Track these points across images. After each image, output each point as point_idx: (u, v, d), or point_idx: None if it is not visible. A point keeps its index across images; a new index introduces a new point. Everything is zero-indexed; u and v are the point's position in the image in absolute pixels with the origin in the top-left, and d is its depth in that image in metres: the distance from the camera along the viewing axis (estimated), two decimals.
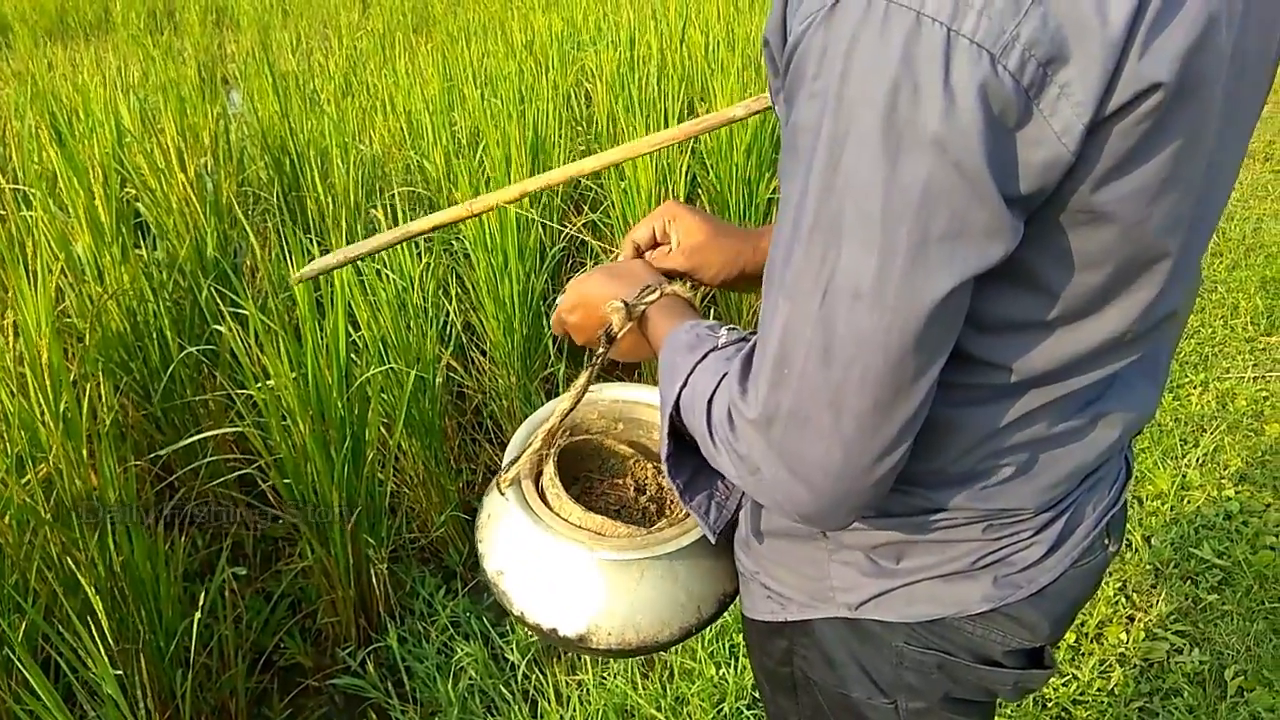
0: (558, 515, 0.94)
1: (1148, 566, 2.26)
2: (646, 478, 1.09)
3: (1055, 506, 0.77)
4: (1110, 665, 1.99)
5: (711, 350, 0.73)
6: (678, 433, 0.78)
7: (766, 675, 0.91)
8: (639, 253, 0.99)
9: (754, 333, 0.68)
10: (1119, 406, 0.75)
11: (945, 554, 0.76)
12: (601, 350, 0.85)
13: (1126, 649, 2.03)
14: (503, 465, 0.98)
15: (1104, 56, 0.52)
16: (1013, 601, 0.77)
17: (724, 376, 0.68)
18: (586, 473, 1.10)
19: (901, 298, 0.55)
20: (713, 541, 0.86)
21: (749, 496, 0.85)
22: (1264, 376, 3.02)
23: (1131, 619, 2.12)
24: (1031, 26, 0.51)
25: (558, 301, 0.95)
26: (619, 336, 0.84)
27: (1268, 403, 2.88)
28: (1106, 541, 0.84)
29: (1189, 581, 2.21)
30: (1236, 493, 2.48)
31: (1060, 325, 0.65)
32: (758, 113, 1.12)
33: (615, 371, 3.08)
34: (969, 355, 0.66)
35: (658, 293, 0.84)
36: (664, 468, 0.80)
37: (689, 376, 0.72)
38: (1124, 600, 2.18)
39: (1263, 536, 2.31)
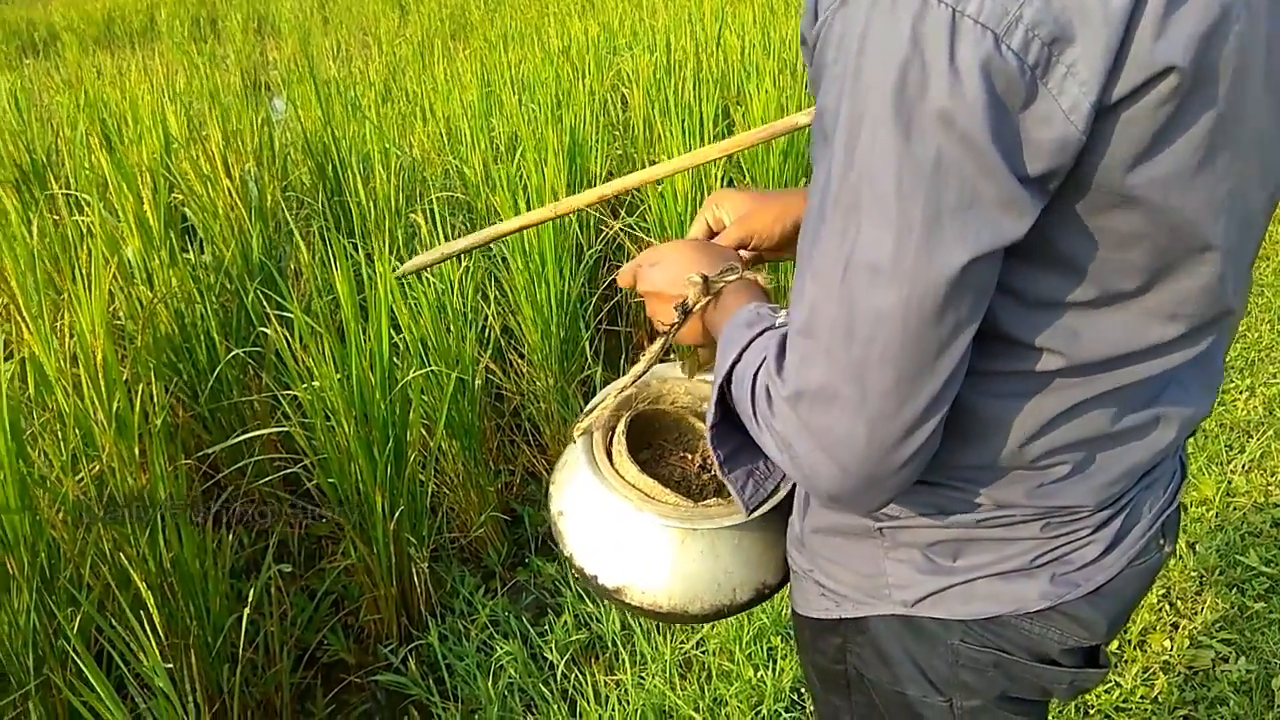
0: (616, 471, 0.98)
1: (1192, 573, 2.23)
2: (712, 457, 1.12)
3: (1113, 505, 0.78)
4: (1154, 673, 1.97)
5: (767, 329, 0.74)
6: (727, 406, 0.79)
7: (819, 673, 0.92)
8: None
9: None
10: (1175, 406, 0.75)
11: (1003, 552, 0.76)
12: (677, 320, 0.86)
13: (1171, 656, 2.01)
14: (582, 413, 1.04)
15: (1106, 35, 0.54)
16: (1070, 600, 0.77)
17: (766, 357, 0.70)
18: (662, 442, 1.14)
19: (918, 271, 0.57)
20: (745, 517, 0.87)
21: (799, 491, 0.86)
22: None
23: (1176, 626, 2.09)
24: (1035, 8, 0.53)
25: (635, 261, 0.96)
26: (694, 310, 0.85)
27: None
28: (1162, 542, 0.84)
29: (1235, 589, 2.18)
30: None
31: (1102, 308, 0.66)
32: None
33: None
34: (1014, 339, 0.67)
35: (737, 274, 0.85)
36: (709, 436, 0.81)
37: (742, 352, 0.74)
38: (1168, 607, 2.15)
39: None
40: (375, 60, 5.90)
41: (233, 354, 2.52)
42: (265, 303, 2.54)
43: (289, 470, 2.35)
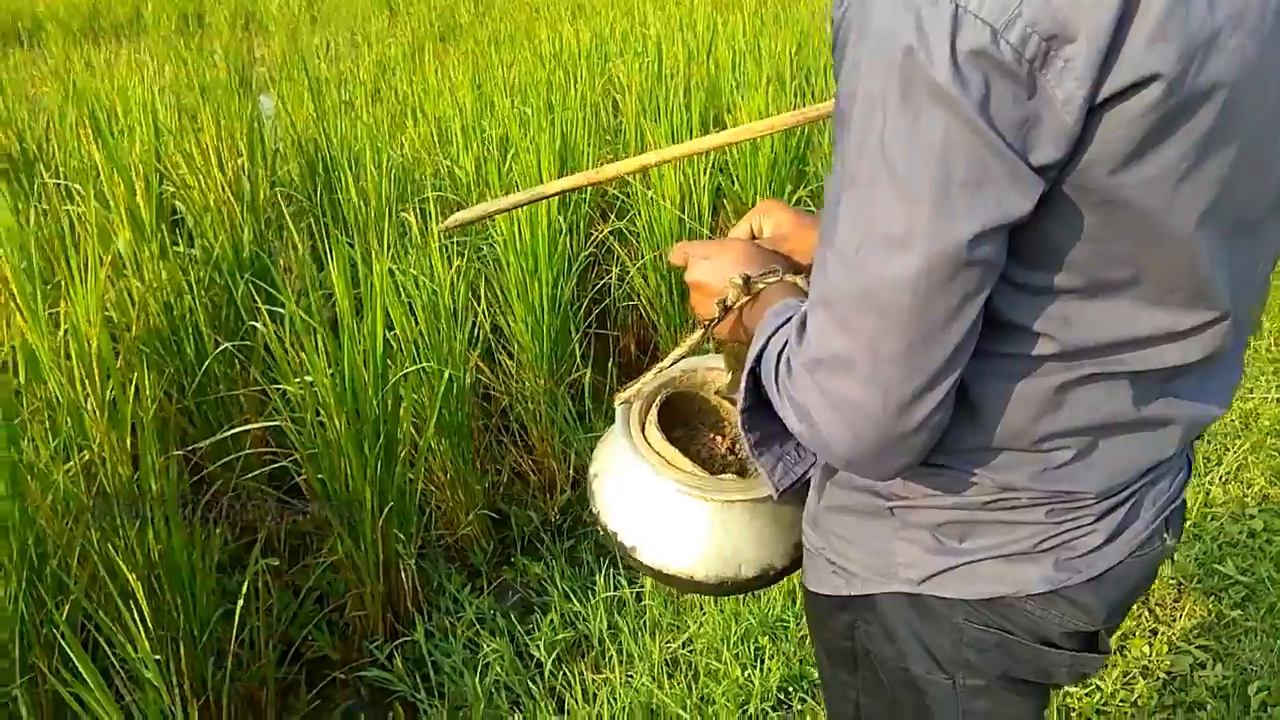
0: (644, 438, 1.05)
1: (1171, 581, 2.27)
2: (741, 443, 1.16)
3: (1116, 495, 0.80)
4: (1134, 677, 2.00)
5: (795, 315, 0.78)
6: (758, 393, 0.82)
7: (827, 649, 0.95)
8: None
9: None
10: (1182, 402, 0.78)
11: (1008, 535, 0.79)
12: (717, 316, 0.90)
13: (1150, 661, 2.04)
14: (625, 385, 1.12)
15: (1099, 34, 0.57)
16: (1072, 584, 0.80)
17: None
18: (698, 424, 1.20)
19: (929, 241, 0.61)
20: (775, 497, 0.91)
21: (817, 470, 0.89)
22: None
23: (1155, 632, 2.13)
24: (1034, 6, 0.57)
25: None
26: (733, 307, 0.89)
27: None
28: (1165, 535, 0.87)
29: (1212, 597, 2.22)
30: (1260, 511, 2.48)
31: (1093, 297, 0.69)
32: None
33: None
34: (1009, 323, 0.71)
35: (778, 276, 0.89)
36: (740, 419, 0.84)
37: (770, 337, 0.78)
38: (1148, 614, 2.19)
39: None
40: (365, 60, 5.89)
41: (221, 348, 2.51)
42: (255, 297, 2.53)
43: (278, 465, 2.34)
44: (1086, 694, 1.95)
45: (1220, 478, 2.62)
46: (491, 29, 6.72)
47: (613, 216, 3.53)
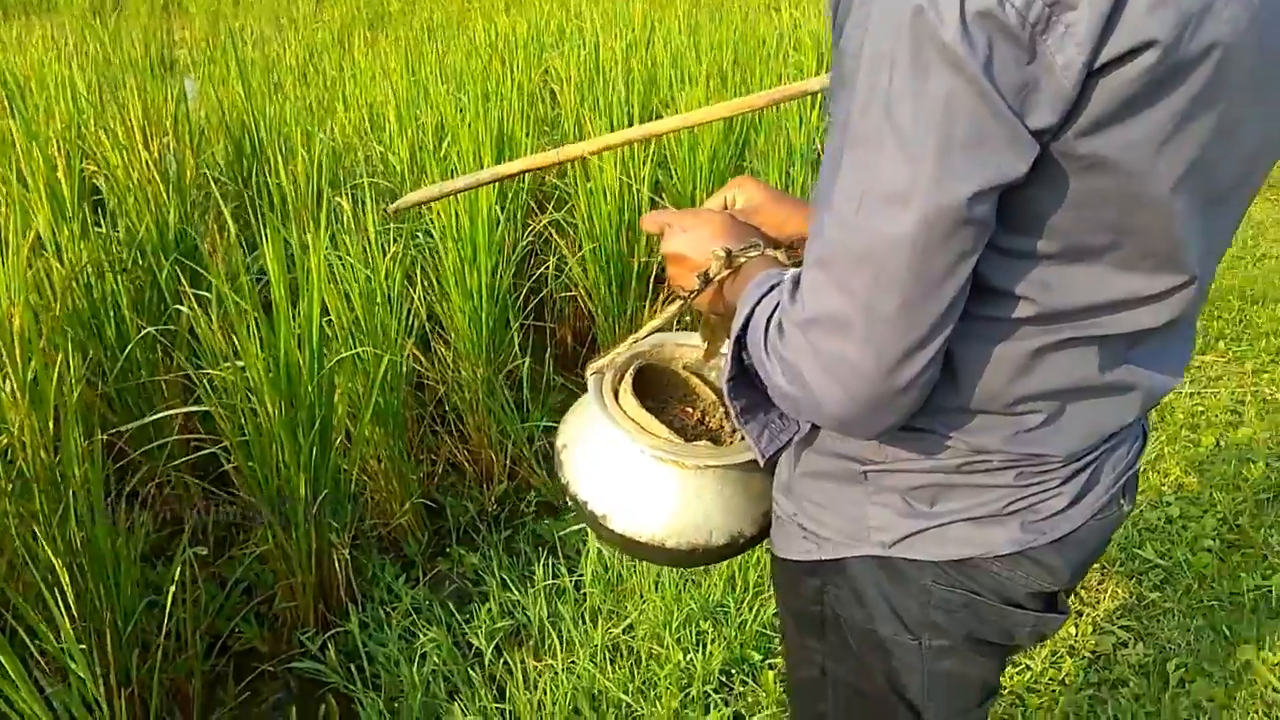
0: (619, 406, 1.05)
1: (1095, 565, 2.35)
2: (711, 415, 1.17)
3: (1081, 459, 0.83)
4: (1061, 656, 2.07)
5: (778, 283, 0.79)
6: (742, 362, 0.83)
7: (795, 615, 0.95)
8: None
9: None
10: (1143, 369, 0.80)
11: (978, 498, 0.81)
12: (697, 288, 0.90)
13: (1076, 641, 2.11)
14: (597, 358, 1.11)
15: (1104, 2, 0.59)
16: (1037, 546, 0.82)
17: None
18: (668, 397, 1.20)
19: (929, 200, 0.62)
20: (760, 464, 0.91)
21: (796, 437, 0.89)
22: (1200, 392, 3.16)
23: (1080, 614, 2.20)
24: None
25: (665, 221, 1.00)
26: (714, 279, 0.89)
27: (1203, 416, 3.01)
28: (1122, 500, 0.90)
29: (1134, 580, 2.31)
30: (1176, 498, 2.59)
31: (1071, 262, 0.71)
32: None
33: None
34: (991, 286, 0.72)
35: (759, 250, 0.89)
36: (724, 389, 0.85)
37: (755, 305, 0.78)
38: (1074, 597, 2.26)
39: (1201, 540, 2.42)
40: (292, 44, 5.75)
41: (144, 332, 2.42)
42: (181, 279, 2.45)
43: (207, 451, 2.27)
44: (1017, 672, 2.01)
45: (1140, 468, 2.72)
46: (423, 18, 6.62)
47: (550, 207, 3.51)
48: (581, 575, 2.28)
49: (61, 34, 5.71)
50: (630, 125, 3.61)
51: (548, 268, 3.39)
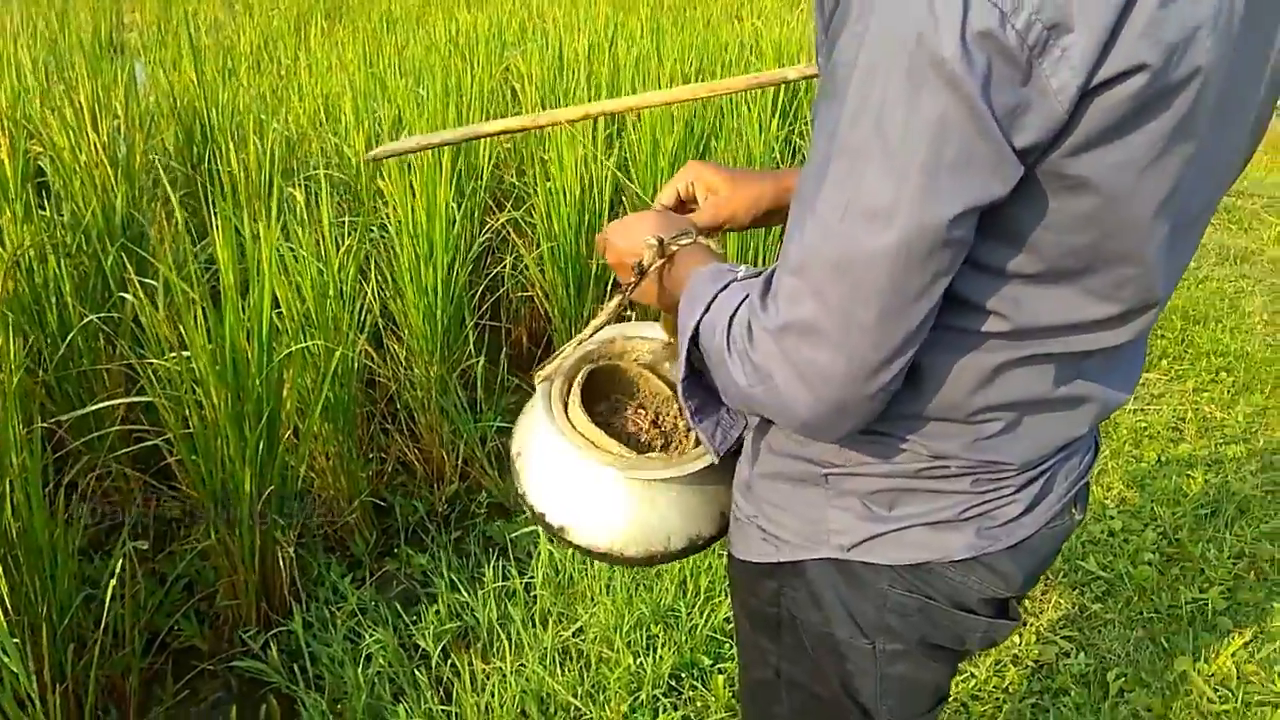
0: (569, 419, 1.03)
1: (1039, 576, 2.39)
2: (665, 414, 1.16)
3: (1035, 468, 0.84)
4: (1005, 665, 2.09)
5: (732, 281, 0.79)
6: (693, 362, 0.83)
7: (751, 616, 0.95)
8: None
9: (770, 269, 0.74)
10: (1098, 385, 0.82)
11: (935, 503, 0.82)
12: (633, 279, 0.91)
13: (1019, 650, 2.14)
14: (543, 363, 1.08)
15: (1100, 26, 0.59)
16: (992, 552, 0.83)
17: (746, 297, 0.74)
18: (619, 396, 1.18)
19: (912, 218, 0.62)
20: (715, 461, 0.92)
21: (750, 439, 0.89)
22: (1143, 409, 3.24)
23: (1025, 623, 2.24)
24: None
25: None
26: (649, 270, 0.90)
27: (1146, 432, 3.08)
28: (1074, 510, 0.91)
29: (1076, 591, 2.35)
30: (1119, 511, 2.65)
31: (1045, 283, 0.72)
32: (810, 77, 1.21)
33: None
34: (964, 300, 0.72)
35: (691, 238, 0.90)
36: (679, 389, 0.86)
37: (710, 303, 0.78)
38: (1019, 606, 2.29)
39: (1142, 553, 2.47)
40: (247, 30, 5.64)
41: (87, 319, 2.35)
42: (127, 266, 2.38)
43: (149, 444, 2.20)
44: (962, 680, 2.03)
45: None
46: (382, 9, 6.54)
47: (509, 206, 3.48)
48: (532, 578, 2.26)
49: (7, 9, 5.54)
50: (593, 125, 3.59)
51: (504, 267, 3.37)
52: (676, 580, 2.21)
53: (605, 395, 1.17)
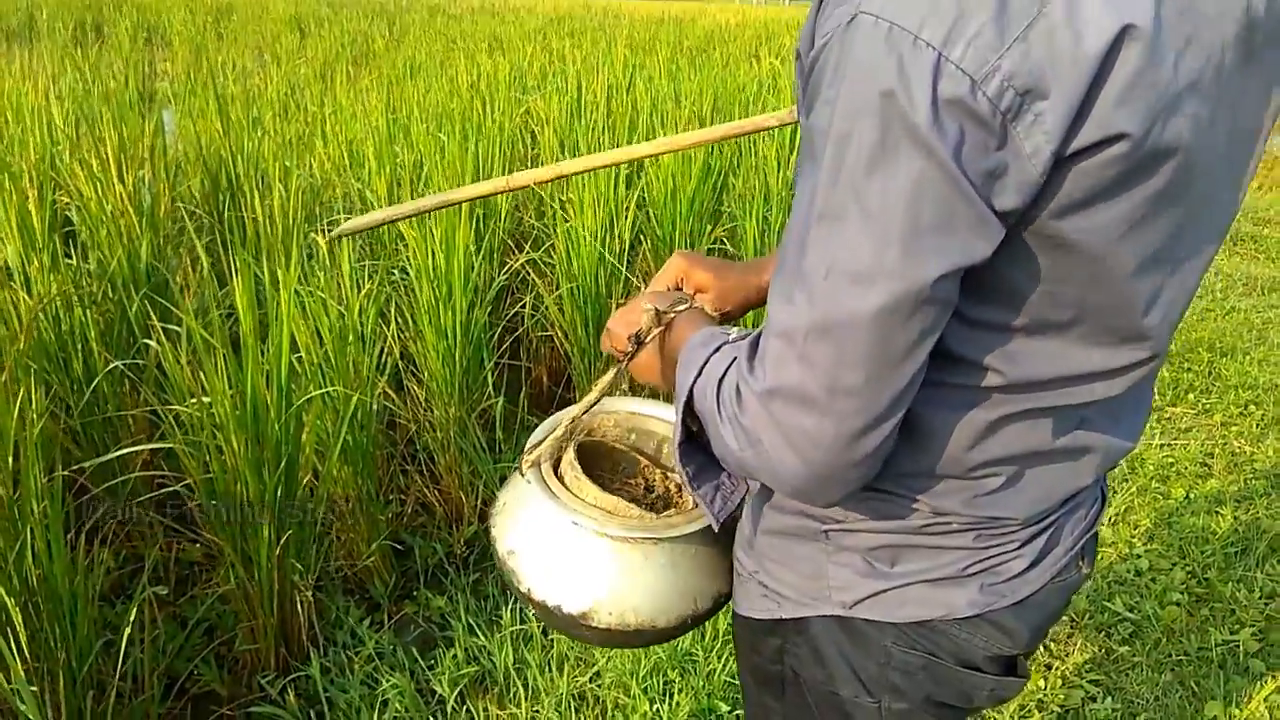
0: (574, 495, 0.99)
1: (1064, 617, 2.35)
2: (655, 480, 1.14)
3: (1039, 523, 0.83)
4: (1030, 710, 2.05)
5: (724, 344, 0.79)
6: (689, 426, 0.82)
7: (754, 673, 0.94)
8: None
9: (757, 332, 0.74)
10: (1101, 434, 0.81)
11: (937, 560, 0.81)
12: (631, 350, 0.90)
13: (1045, 695, 2.10)
14: (525, 449, 1.04)
15: (1072, 93, 0.59)
16: (997, 609, 0.82)
17: (735, 359, 0.74)
18: (599, 472, 1.15)
19: (894, 280, 0.62)
20: (715, 528, 0.90)
21: (752, 496, 0.89)
22: (1170, 444, 3.19)
23: (1049, 666, 2.19)
24: (1012, 60, 0.58)
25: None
26: (647, 340, 0.90)
27: (1173, 468, 3.03)
28: (1081, 563, 0.89)
29: (1103, 633, 2.31)
30: (1146, 550, 2.60)
31: (1036, 335, 0.72)
32: (789, 124, 1.21)
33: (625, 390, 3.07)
34: (958, 356, 0.72)
35: (687, 305, 0.91)
36: (675, 454, 0.84)
37: (703, 366, 0.78)
38: (1042, 649, 2.25)
39: (1169, 593, 2.42)
40: (275, 80, 5.76)
41: (112, 365, 2.39)
42: (151, 314, 2.42)
43: (171, 489, 2.23)
44: None
45: (1110, 519, 2.73)
46: (407, 55, 6.66)
47: (528, 247, 3.51)
48: None
49: (42, 65, 5.70)
50: (610, 168, 3.63)
51: (524, 306, 3.39)
52: None
53: (589, 475, 1.15)
